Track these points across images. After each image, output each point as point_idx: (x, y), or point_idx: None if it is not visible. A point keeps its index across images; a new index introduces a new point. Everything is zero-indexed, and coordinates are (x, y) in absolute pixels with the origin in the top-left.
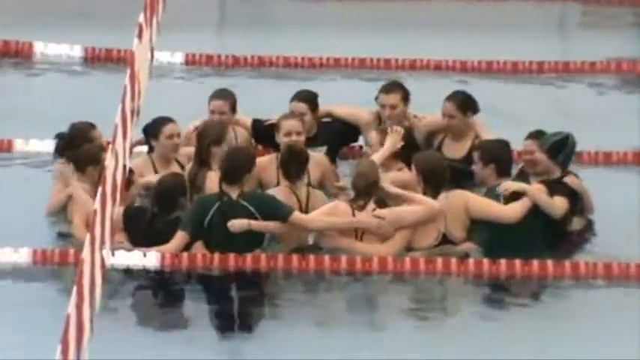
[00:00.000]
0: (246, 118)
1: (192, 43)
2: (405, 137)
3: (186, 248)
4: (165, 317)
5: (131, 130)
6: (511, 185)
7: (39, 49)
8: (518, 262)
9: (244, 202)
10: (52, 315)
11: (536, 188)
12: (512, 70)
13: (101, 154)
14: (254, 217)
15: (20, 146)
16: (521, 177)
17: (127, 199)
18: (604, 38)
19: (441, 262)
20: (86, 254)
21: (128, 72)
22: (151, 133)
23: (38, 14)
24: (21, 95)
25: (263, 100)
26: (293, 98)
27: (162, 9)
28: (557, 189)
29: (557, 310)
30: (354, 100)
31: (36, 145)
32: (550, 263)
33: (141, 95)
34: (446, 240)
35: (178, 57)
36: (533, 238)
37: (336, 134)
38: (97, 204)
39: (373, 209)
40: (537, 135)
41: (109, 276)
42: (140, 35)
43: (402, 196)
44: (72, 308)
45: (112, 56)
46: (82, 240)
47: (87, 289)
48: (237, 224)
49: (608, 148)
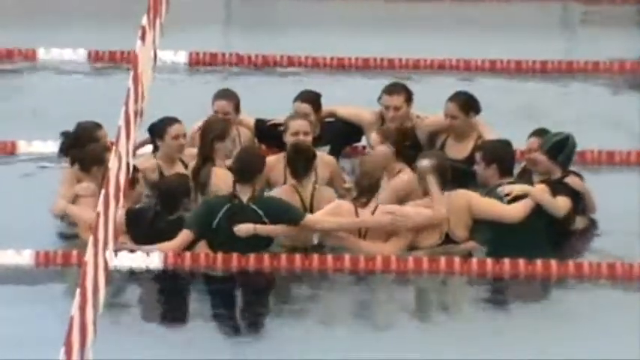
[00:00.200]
0: (249, 118)
1: (196, 43)
2: (407, 137)
3: (189, 248)
4: (168, 318)
5: (134, 131)
6: (513, 188)
7: (41, 55)
8: (522, 262)
9: (254, 205)
10: (56, 316)
11: (538, 189)
12: (516, 69)
13: (105, 154)
14: (262, 222)
15: (23, 147)
16: (524, 175)
17: (133, 198)
18: (607, 37)
19: (444, 261)
20: (89, 256)
21: (131, 74)
22: (156, 132)
23: (39, 14)
24: (24, 96)
25: (267, 99)
26: (296, 99)
27: (166, 10)
28: (558, 189)
29: (558, 310)
30: (357, 100)
31: (39, 146)
32: (554, 263)
33: (144, 97)
34: (448, 239)
35: (182, 56)
36: (536, 237)
37: (339, 134)
38: (100, 205)
39: (376, 207)
40: (541, 133)
41: (112, 277)
42: (143, 37)
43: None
44: (75, 310)
45: (115, 59)
46: (86, 240)
47: (90, 290)
48: (243, 229)
49: (611, 148)
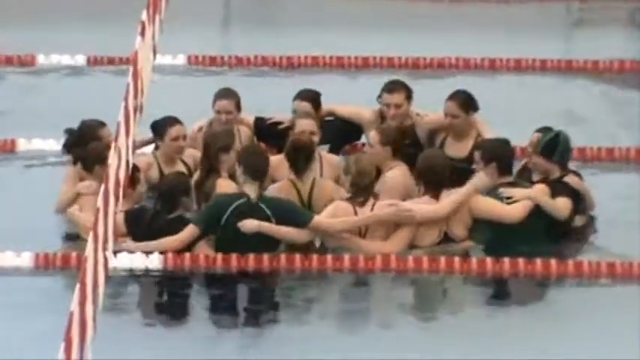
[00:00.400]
0: (249, 117)
1: (196, 43)
2: (406, 135)
3: (192, 245)
4: (168, 317)
5: (134, 127)
6: (514, 193)
7: (41, 60)
8: (522, 261)
9: (262, 204)
10: (55, 312)
11: (539, 189)
12: (516, 68)
13: (108, 152)
14: (269, 221)
15: (23, 145)
16: (524, 174)
17: (135, 198)
18: (607, 36)
19: (444, 260)
20: (89, 252)
21: (131, 70)
22: (157, 131)
23: (39, 13)
24: (24, 94)
25: (266, 99)
26: (296, 97)
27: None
28: (558, 189)
29: (558, 310)
30: (357, 99)
31: (39, 144)
32: (553, 262)
33: (144, 93)
34: (447, 238)
35: (181, 57)
36: (535, 237)
37: (339, 133)
38: (99, 200)
39: (373, 204)
40: (546, 131)
41: (111, 277)
42: (143, 33)
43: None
44: (75, 306)
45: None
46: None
47: (90, 286)
48: (247, 224)
49: (610, 146)
